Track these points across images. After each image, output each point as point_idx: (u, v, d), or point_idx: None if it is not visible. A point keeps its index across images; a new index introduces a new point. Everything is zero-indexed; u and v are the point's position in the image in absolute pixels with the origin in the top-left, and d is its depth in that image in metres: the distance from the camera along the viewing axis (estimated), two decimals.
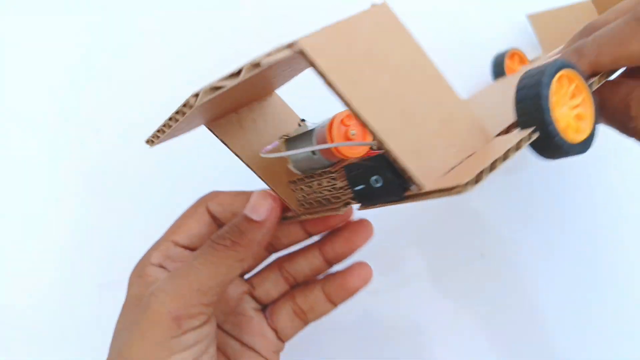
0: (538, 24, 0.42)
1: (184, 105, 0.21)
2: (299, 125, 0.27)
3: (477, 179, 0.17)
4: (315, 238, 0.30)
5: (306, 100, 0.29)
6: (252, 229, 0.25)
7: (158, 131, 0.24)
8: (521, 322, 0.39)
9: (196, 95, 0.20)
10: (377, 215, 0.41)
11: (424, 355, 0.38)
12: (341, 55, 0.18)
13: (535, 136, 0.20)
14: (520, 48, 0.41)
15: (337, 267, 0.30)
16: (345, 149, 0.23)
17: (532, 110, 0.20)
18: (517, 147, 0.19)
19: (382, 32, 0.19)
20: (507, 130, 0.22)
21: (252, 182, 0.28)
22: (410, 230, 0.41)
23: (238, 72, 0.18)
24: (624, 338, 0.40)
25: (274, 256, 0.32)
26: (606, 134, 0.26)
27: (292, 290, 0.31)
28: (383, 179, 0.20)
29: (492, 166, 0.18)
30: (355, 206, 0.24)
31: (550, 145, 0.20)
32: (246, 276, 0.32)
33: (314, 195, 0.26)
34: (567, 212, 0.42)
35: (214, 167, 0.38)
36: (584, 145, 0.21)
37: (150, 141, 0.25)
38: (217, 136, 0.26)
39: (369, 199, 0.21)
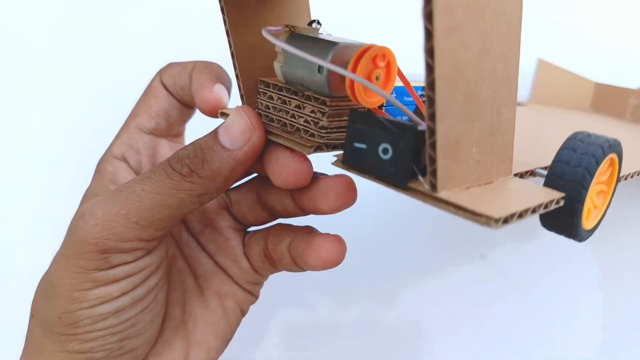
0: (543, 72, 0.41)
1: None
2: (310, 25, 0.21)
3: (506, 220, 0.14)
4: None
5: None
6: (220, 158, 0.19)
7: None
8: (521, 323, 0.39)
9: None
10: (377, 214, 0.39)
11: (423, 355, 0.38)
12: None
13: (561, 204, 0.17)
14: None
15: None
16: (360, 91, 0.18)
17: (572, 180, 0.17)
18: (546, 206, 0.16)
19: None
20: (522, 175, 0.19)
21: None
22: (410, 231, 0.39)
23: None
24: (625, 338, 0.40)
25: None
26: None
27: (268, 229, 0.25)
28: (396, 154, 0.16)
29: (521, 215, 0.15)
30: (328, 155, 0.19)
31: (566, 220, 0.17)
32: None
33: (282, 114, 0.20)
34: None
35: None
36: (587, 234, 0.19)
37: None
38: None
39: (361, 164, 0.17)
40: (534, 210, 0.15)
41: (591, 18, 0.43)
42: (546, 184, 0.18)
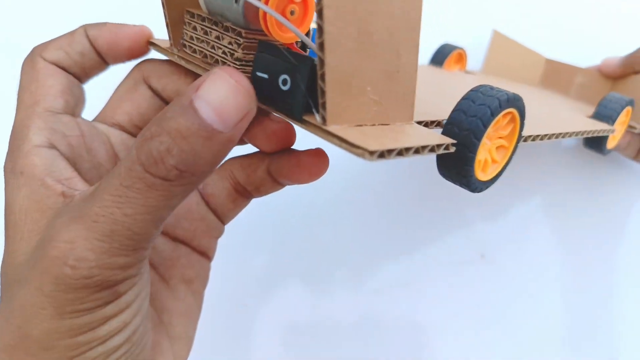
0: (496, 44, 0.41)
1: None
2: None
3: (382, 154, 0.15)
4: None
5: None
6: (214, 146, 0.15)
7: None
8: (521, 323, 0.39)
9: None
10: (377, 215, 0.39)
11: (423, 355, 0.38)
12: None
13: (452, 150, 0.18)
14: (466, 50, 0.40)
15: None
16: (273, 25, 0.18)
17: (466, 129, 0.18)
18: (432, 149, 0.17)
19: None
20: (427, 124, 0.20)
21: None
22: (410, 231, 0.39)
23: None
24: (627, 339, 0.39)
25: None
26: None
27: (226, 168, 0.23)
28: (293, 86, 0.16)
29: (401, 152, 0.16)
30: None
31: (458, 167, 0.18)
32: None
33: (203, 45, 0.21)
34: (569, 213, 0.41)
35: None
36: (482, 185, 0.20)
37: None
38: None
39: (264, 95, 0.17)
40: (417, 151, 0.16)
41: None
42: (444, 132, 0.18)
